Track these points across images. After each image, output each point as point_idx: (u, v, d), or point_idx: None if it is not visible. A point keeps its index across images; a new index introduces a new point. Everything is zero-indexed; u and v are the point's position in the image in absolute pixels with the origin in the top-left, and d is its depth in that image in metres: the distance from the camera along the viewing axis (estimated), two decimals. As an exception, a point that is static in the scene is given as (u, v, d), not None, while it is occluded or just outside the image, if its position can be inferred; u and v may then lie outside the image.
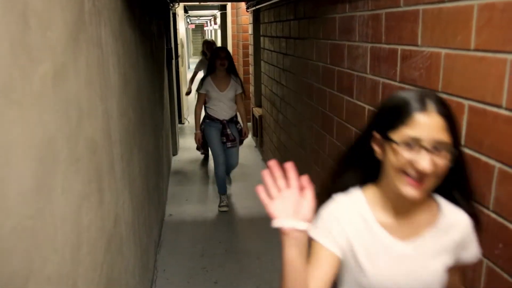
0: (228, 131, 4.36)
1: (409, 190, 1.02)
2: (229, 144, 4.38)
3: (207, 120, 4.44)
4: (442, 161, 1.00)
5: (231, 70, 4.43)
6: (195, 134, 4.56)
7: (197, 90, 4.47)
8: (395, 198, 1.09)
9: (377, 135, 1.09)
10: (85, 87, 1.47)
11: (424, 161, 0.98)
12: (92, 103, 1.56)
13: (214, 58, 4.35)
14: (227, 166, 4.58)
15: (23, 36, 0.96)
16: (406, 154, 1.01)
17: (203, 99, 4.47)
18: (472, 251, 1.17)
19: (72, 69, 1.32)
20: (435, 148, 0.99)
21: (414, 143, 0.99)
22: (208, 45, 6.83)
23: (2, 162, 0.84)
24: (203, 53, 6.81)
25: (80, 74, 1.41)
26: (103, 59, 1.78)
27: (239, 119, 4.62)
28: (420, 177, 1.00)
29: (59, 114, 1.18)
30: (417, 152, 0.99)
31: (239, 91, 4.48)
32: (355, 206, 1.14)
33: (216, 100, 4.37)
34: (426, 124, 0.99)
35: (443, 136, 0.99)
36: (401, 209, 1.11)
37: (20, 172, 0.93)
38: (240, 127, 4.55)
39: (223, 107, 4.38)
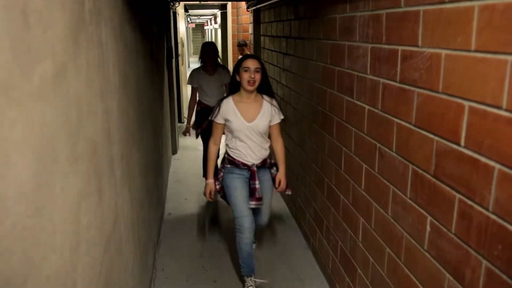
0: (257, 184, 2.95)
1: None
2: (252, 204, 2.95)
3: (228, 166, 3.04)
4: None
5: (265, 89, 3.01)
6: (207, 184, 3.11)
7: (212, 118, 3.02)
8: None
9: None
10: (85, 86, 1.47)
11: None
12: (92, 102, 1.56)
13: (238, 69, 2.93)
14: (255, 225, 3.06)
15: (23, 35, 0.96)
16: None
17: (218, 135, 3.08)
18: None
19: (72, 68, 1.32)
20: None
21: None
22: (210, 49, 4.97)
23: (1, 161, 0.84)
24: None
25: (80, 73, 1.41)
26: (103, 58, 1.78)
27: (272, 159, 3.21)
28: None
29: (59, 113, 1.18)
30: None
31: (276, 120, 3.04)
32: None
33: (241, 135, 2.93)
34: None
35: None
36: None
37: (19, 171, 0.92)
38: (274, 173, 3.12)
39: (252, 145, 2.96)
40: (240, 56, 5.75)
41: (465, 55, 1.42)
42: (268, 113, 2.94)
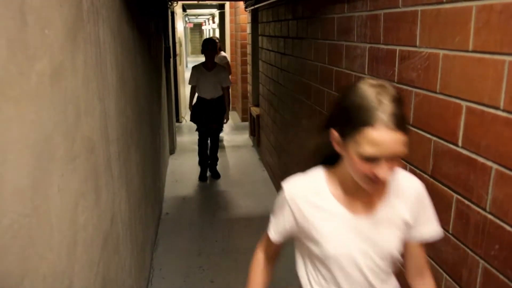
0: None
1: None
2: None
3: None
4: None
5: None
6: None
7: None
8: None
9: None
10: (83, 85, 1.46)
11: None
12: (90, 101, 1.55)
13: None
14: None
15: (20, 33, 0.96)
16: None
17: None
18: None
19: (69, 67, 1.31)
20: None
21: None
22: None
23: (-2, 160, 0.84)
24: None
25: (78, 72, 1.41)
26: (101, 58, 1.78)
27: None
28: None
29: (56, 112, 1.17)
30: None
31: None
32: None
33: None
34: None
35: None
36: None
37: (16, 170, 0.92)
38: None
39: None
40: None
41: (463, 55, 1.42)
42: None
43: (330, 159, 1.24)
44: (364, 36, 2.21)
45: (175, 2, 7.05)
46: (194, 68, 5.31)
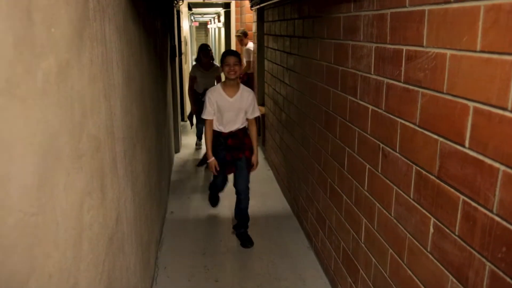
0: None
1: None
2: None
3: None
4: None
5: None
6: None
7: None
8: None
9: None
10: (89, 83, 1.46)
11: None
12: (96, 100, 1.55)
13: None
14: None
15: (26, 32, 0.96)
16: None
17: None
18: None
19: (76, 65, 1.32)
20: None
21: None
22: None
23: (4, 158, 0.84)
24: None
25: (84, 70, 1.41)
26: (107, 56, 1.78)
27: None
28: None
29: (62, 111, 1.18)
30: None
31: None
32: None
33: None
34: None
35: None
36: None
37: (23, 168, 0.92)
38: None
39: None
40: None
41: (471, 56, 1.41)
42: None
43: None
44: (371, 36, 2.20)
45: (181, 1, 7.05)
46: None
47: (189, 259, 3.49)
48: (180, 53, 7.34)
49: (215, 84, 5.72)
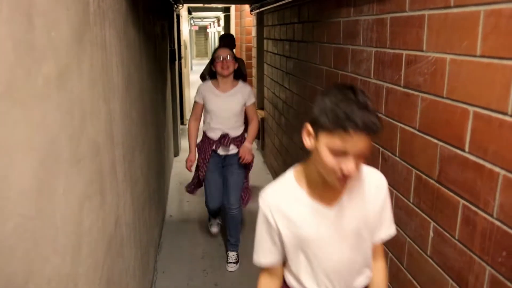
0: None
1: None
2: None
3: None
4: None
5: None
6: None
7: None
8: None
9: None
10: (89, 88, 1.46)
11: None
12: (95, 104, 1.55)
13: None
14: None
15: (27, 36, 0.96)
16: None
17: None
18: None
19: (75, 69, 1.32)
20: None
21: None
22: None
23: (4, 162, 0.84)
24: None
25: (84, 74, 1.41)
26: (107, 60, 1.78)
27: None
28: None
29: (62, 115, 1.17)
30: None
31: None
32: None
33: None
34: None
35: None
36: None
37: (22, 172, 0.92)
38: None
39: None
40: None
41: (471, 60, 1.41)
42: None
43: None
44: (370, 40, 2.20)
45: (181, 5, 7.07)
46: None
47: (188, 263, 3.48)
48: (180, 57, 7.35)
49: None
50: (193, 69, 19.22)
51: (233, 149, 3.31)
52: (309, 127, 1.27)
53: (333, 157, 1.17)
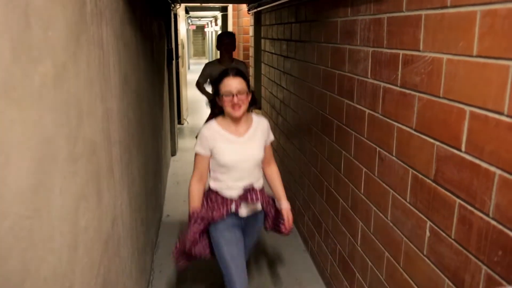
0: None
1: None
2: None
3: None
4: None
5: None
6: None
7: None
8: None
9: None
10: (85, 87, 1.46)
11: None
12: (92, 104, 1.55)
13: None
14: None
15: (23, 35, 0.96)
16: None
17: None
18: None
19: (72, 69, 1.31)
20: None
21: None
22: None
23: (0, 162, 0.84)
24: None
25: (81, 74, 1.41)
26: (104, 60, 1.78)
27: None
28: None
29: (58, 114, 1.17)
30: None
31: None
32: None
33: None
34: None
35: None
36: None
37: (18, 171, 0.92)
38: None
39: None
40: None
41: (467, 60, 1.41)
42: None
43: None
44: (368, 40, 2.20)
45: (178, 4, 7.06)
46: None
47: (185, 263, 3.48)
48: (177, 57, 7.34)
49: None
50: (191, 69, 19.21)
51: (258, 206, 2.45)
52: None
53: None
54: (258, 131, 2.41)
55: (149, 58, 3.61)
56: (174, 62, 6.70)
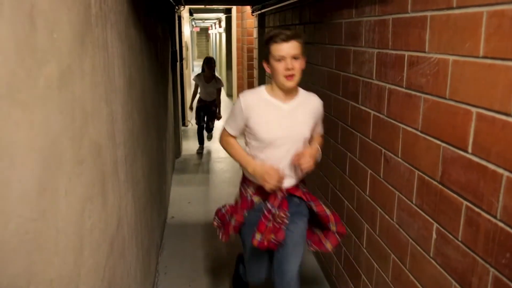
0: None
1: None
2: None
3: None
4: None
5: None
6: None
7: None
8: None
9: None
10: (90, 89, 1.46)
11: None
12: (97, 105, 1.55)
13: None
14: None
15: (29, 37, 0.96)
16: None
17: None
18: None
19: (77, 71, 1.31)
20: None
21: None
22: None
23: (5, 164, 0.84)
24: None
25: (86, 76, 1.41)
26: (109, 61, 1.78)
27: None
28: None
29: (63, 116, 1.17)
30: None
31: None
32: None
33: None
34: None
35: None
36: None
37: (24, 173, 0.92)
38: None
39: None
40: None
41: (473, 61, 1.40)
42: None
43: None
44: (372, 41, 2.20)
45: (182, 6, 7.07)
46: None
47: (190, 264, 3.48)
48: (181, 58, 7.35)
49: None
50: (195, 70, 19.23)
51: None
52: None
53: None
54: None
55: (153, 60, 3.62)
56: (178, 64, 6.71)
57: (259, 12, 5.86)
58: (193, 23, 19.22)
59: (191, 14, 12.48)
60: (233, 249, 3.73)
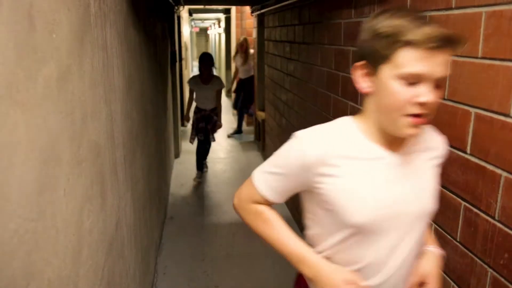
0: None
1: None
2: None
3: None
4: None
5: None
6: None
7: None
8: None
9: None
10: (89, 89, 1.46)
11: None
12: (96, 106, 1.55)
13: None
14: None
15: (28, 37, 0.96)
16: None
17: None
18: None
19: (76, 71, 1.31)
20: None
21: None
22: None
23: (4, 164, 0.84)
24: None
25: (85, 76, 1.41)
26: (108, 62, 1.78)
27: None
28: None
29: (62, 116, 1.17)
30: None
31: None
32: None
33: None
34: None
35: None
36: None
37: (23, 174, 0.92)
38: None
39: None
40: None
41: (472, 62, 1.41)
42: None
43: None
44: (371, 42, 2.20)
45: (181, 7, 7.07)
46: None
47: (189, 264, 3.48)
48: (180, 59, 7.35)
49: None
50: (194, 71, 19.24)
51: None
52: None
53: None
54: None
55: (152, 60, 3.62)
56: (177, 64, 6.71)
57: (259, 12, 5.86)
58: (193, 23, 19.23)
59: (190, 14, 12.48)
60: (232, 249, 3.73)
